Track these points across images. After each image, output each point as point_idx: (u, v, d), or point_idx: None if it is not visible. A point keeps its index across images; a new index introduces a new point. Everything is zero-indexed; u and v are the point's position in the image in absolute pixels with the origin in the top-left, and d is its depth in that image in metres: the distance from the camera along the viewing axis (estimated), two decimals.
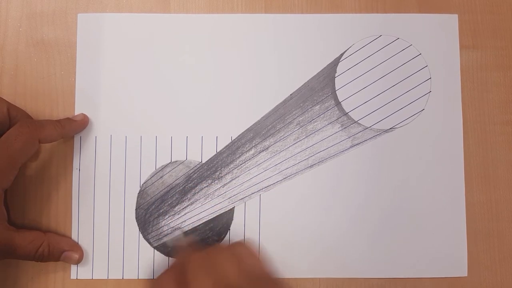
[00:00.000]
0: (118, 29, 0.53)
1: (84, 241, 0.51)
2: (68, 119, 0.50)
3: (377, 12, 0.53)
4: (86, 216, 0.51)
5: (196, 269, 0.41)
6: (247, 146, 0.52)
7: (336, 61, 0.53)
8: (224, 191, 0.52)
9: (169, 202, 0.52)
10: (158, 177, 0.52)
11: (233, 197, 0.52)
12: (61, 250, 0.49)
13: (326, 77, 0.52)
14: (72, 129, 0.50)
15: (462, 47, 0.53)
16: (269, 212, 0.52)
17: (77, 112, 0.52)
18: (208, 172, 0.52)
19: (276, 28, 0.53)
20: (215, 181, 0.52)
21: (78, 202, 0.51)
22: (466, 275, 0.51)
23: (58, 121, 0.49)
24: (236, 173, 0.52)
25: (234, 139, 0.52)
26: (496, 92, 0.53)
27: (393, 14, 0.53)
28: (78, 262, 0.50)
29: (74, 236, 0.51)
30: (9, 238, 0.46)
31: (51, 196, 0.51)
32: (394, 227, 0.52)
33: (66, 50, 0.52)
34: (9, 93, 0.52)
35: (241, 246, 0.44)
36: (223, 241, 0.51)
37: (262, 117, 0.52)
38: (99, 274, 0.51)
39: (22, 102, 0.52)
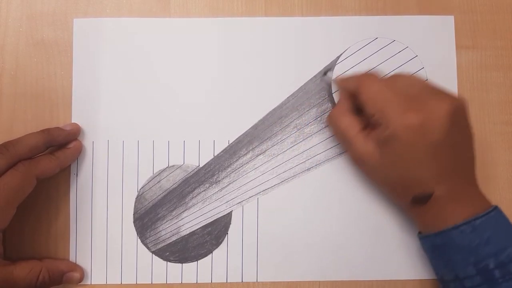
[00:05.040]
0: (115, 34, 0.53)
1: (82, 247, 0.51)
2: (59, 131, 0.50)
3: (377, 13, 0.53)
4: (84, 222, 0.51)
5: (372, 88, 0.46)
6: (244, 149, 0.52)
7: (333, 64, 0.52)
8: (222, 195, 0.52)
9: (167, 207, 0.52)
10: (156, 182, 0.52)
11: (230, 201, 0.52)
12: (61, 273, 0.49)
13: (323, 80, 0.52)
14: (66, 157, 0.50)
15: (461, 47, 0.53)
16: (267, 215, 0.52)
17: (74, 117, 0.52)
18: (206, 176, 0.52)
19: (272, 32, 0.53)
20: (213, 185, 0.52)
21: (76, 207, 0.51)
22: None
23: (52, 153, 0.49)
24: (234, 177, 0.52)
25: (232, 143, 0.52)
26: (496, 92, 0.53)
27: (389, 16, 0.53)
28: (80, 281, 0.50)
29: (72, 241, 0.51)
30: (7, 272, 0.45)
31: (49, 201, 0.51)
32: (393, 228, 0.51)
33: (66, 50, 0.53)
34: (9, 93, 0.52)
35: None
36: (221, 245, 0.51)
37: (259, 121, 0.52)
38: (98, 279, 0.51)
39: (22, 102, 0.52)
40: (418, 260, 0.51)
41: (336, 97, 0.52)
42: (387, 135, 0.44)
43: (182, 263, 0.51)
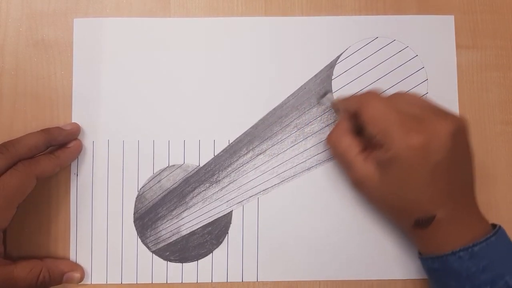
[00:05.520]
0: (115, 33, 0.53)
1: (82, 246, 0.51)
2: (59, 130, 0.50)
3: (377, 13, 0.53)
4: (84, 221, 0.51)
5: (374, 109, 0.45)
6: (244, 149, 0.52)
7: (333, 64, 0.52)
8: (222, 195, 0.52)
9: (167, 206, 0.52)
10: (156, 181, 0.52)
11: (231, 201, 0.52)
12: (61, 273, 0.49)
13: (323, 80, 0.52)
14: (66, 157, 0.50)
15: (461, 47, 0.53)
16: (267, 215, 0.52)
17: (74, 117, 0.52)
18: (206, 176, 0.52)
19: (273, 31, 0.53)
20: (213, 185, 0.52)
21: (76, 207, 0.51)
22: None
23: (52, 153, 0.49)
24: (234, 176, 0.52)
25: (232, 143, 0.52)
26: (496, 92, 0.53)
27: (390, 16, 0.53)
28: (80, 280, 0.50)
29: (72, 241, 0.51)
30: (7, 272, 0.45)
31: (50, 201, 0.51)
32: (393, 228, 0.51)
33: (66, 50, 0.53)
34: (9, 93, 0.52)
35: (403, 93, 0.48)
36: (221, 244, 0.51)
37: (259, 120, 0.52)
38: (98, 279, 0.51)
39: (22, 102, 0.52)
40: (418, 259, 0.51)
41: (336, 97, 0.52)
42: (390, 156, 0.43)
43: (182, 262, 0.51)
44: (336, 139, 0.48)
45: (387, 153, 0.43)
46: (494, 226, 0.45)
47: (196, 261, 0.51)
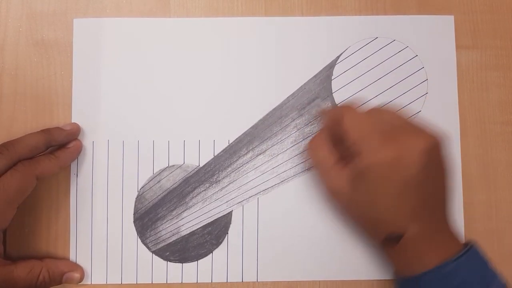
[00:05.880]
0: (115, 34, 0.53)
1: (82, 246, 0.51)
2: (59, 131, 0.50)
3: (377, 13, 0.53)
4: (84, 221, 0.51)
5: (354, 118, 0.45)
6: (244, 149, 0.52)
7: (333, 64, 0.52)
8: (222, 195, 0.52)
9: (167, 206, 0.52)
10: (156, 182, 0.52)
11: (231, 201, 0.52)
12: (61, 273, 0.49)
13: (323, 80, 0.52)
14: (66, 157, 0.50)
15: (461, 47, 0.53)
16: (267, 215, 0.52)
17: (74, 117, 0.52)
18: (206, 176, 0.52)
19: (273, 31, 0.53)
20: (213, 185, 0.52)
21: (76, 207, 0.51)
22: None
23: (52, 153, 0.49)
24: (234, 176, 0.52)
25: (232, 143, 0.52)
26: (496, 92, 0.53)
27: (389, 16, 0.53)
28: (80, 281, 0.50)
29: (72, 241, 0.51)
30: (7, 272, 0.45)
31: (50, 201, 0.51)
32: None
33: (66, 50, 0.53)
34: (9, 93, 0.52)
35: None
36: (221, 245, 0.51)
37: (259, 120, 0.52)
38: (98, 279, 0.51)
39: (22, 102, 0.52)
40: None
41: (336, 97, 0.52)
42: (361, 168, 0.43)
43: (182, 263, 0.51)
44: (314, 148, 0.48)
45: (360, 164, 0.43)
46: (467, 244, 0.44)
47: (196, 261, 0.51)
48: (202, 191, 0.52)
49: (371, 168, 0.43)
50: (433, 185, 0.44)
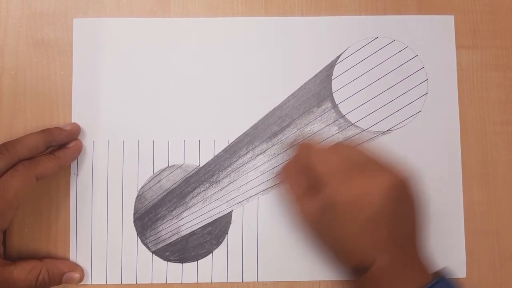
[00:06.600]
0: (115, 34, 0.53)
1: (82, 246, 0.51)
2: (59, 131, 0.50)
3: (377, 13, 0.53)
4: (84, 221, 0.51)
5: (319, 153, 0.46)
6: (244, 149, 0.52)
7: (333, 64, 0.52)
8: (222, 195, 0.52)
9: (167, 206, 0.52)
10: (156, 182, 0.52)
11: (231, 201, 0.52)
12: (61, 273, 0.49)
13: (323, 80, 0.52)
14: (66, 157, 0.50)
15: (461, 47, 0.53)
16: (267, 215, 0.52)
17: (74, 117, 0.52)
18: (206, 176, 0.52)
19: (273, 31, 0.53)
20: (213, 185, 0.52)
21: (76, 207, 0.51)
22: (465, 276, 0.51)
23: (52, 153, 0.49)
24: (234, 176, 0.52)
25: (232, 143, 0.52)
26: (496, 92, 0.53)
27: (389, 16, 0.53)
28: (80, 281, 0.50)
29: (72, 241, 0.51)
30: (7, 273, 0.45)
31: (50, 201, 0.51)
32: None
33: (66, 50, 0.53)
34: (9, 93, 0.52)
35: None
36: (221, 245, 0.51)
37: (259, 120, 0.52)
38: (98, 279, 0.51)
39: (22, 102, 0.52)
40: None
41: (336, 97, 0.52)
42: (327, 201, 0.43)
43: (182, 263, 0.51)
44: (285, 175, 0.49)
45: (326, 197, 0.43)
46: (438, 275, 0.44)
47: (196, 261, 0.51)
48: (202, 191, 0.52)
49: (335, 204, 0.43)
50: (401, 220, 0.44)
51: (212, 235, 0.51)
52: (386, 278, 0.43)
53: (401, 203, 0.44)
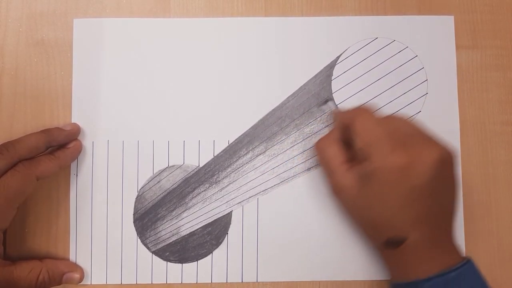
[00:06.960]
0: (115, 34, 0.53)
1: (82, 247, 0.51)
2: (59, 131, 0.50)
3: (377, 13, 0.53)
4: (84, 222, 0.51)
5: (365, 122, 0.45)
6: (244, 149, 0.52)
7: (333, 64, 0.52)
8: (222, 195, 0.52)
9: (167, 207, 0.52)
10: (156, 182, 0.52)
11: (230, 201, 0.52)
12: (61, 273, 0.49)
13: (323, 80, 0.52)
14: (66, 157, 0.50)
15: (461, 47, 0.53)
16: (267, 215, 0.52)
17: (74, 117, 0.52)
18: (206, 176, 0.52)
19: (273, 32, 0.53)
20: (213, 185, 0.52)
21: (76, 207, 0.51)
22: None
23: (52, 153, 0.49)
24: (234, 177, 0.52)
25: (232, 143, 0.52)
26: (496, 92, 0.53)
27: (389, 16, 0.53)
28: (80, 281, 0.50)
29: (72, 241, 0.51)
30: (7, 273, 0.46)
31: (49, 201, 0.51)
32: None
33: (66, 50, 0.53)
34: (9, 93, 0.52)
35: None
36: (221, 245, 0.51)
37: (259, 121, 0.52)
38: (98, 279, 0.51)
39: (22, 102, 0.52)
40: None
41: (336, 97, 0.52)
42: (370, 170, 0.43)
43: (182, 263, 0.51)
44: (323, 145, 0.48)
45: (368, 167, 0.43)
46: (465, 258, 0.44)
47: (196, 262, 0.51)
48: (202, 191, 0.52)
49: (379, 172, 0.43)
50: (441, 196, 0.44)
51: (212, 235, 0.52)
52: (420, 253, 0.43)
53: (445, 179, 0.44)
